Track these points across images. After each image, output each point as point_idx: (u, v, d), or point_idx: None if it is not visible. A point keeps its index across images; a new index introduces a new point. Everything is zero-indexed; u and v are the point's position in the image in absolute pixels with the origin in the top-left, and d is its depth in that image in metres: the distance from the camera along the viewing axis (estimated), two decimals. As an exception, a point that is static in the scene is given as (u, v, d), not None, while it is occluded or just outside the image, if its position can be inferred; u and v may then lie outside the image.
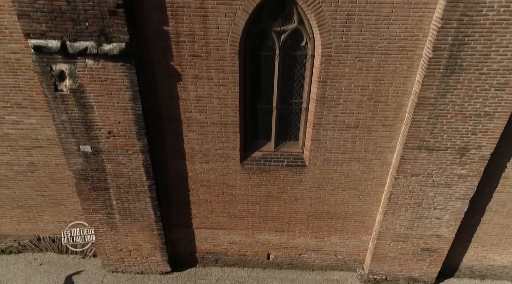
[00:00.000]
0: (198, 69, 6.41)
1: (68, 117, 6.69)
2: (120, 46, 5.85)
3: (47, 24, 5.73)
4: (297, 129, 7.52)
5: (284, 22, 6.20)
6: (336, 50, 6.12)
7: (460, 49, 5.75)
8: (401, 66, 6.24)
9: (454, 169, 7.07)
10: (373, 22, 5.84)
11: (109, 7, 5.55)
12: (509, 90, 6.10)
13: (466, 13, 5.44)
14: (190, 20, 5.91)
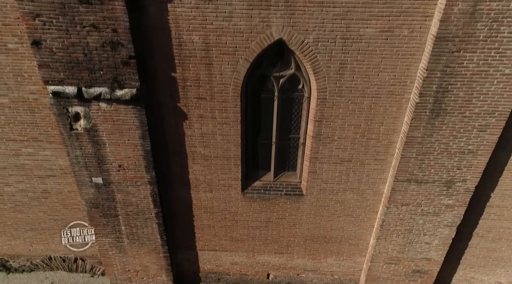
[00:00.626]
0: (203, 110, 6.92)
1: (82, 152, 7.20)
2: (131, 92, 6.37)
3: (65, 73, 6.25)
4: (295, 161, 8.02)
5: (282, 68, 6.71)
6: (331, 94, 6.63)
7: (444, 96, 6.25)
8: (390, 108, 6.75)
9: (442, 199, 7.57)
10: (364, 70, 6.35)
11: (122, 59, 6.06)
12: (490, 131, 6.60)
13: (449, 65, 5.95)
14: (196, 68, 6.43)
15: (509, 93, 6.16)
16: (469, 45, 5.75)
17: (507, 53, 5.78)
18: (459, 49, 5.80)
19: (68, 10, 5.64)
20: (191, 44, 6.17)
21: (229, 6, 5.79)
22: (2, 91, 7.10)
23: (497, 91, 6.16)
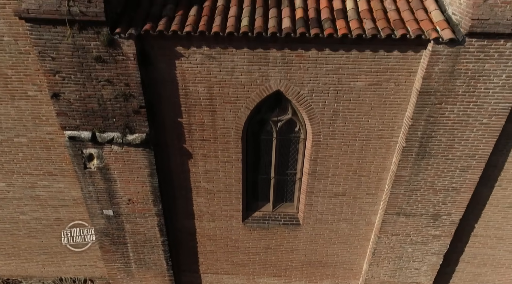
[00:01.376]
0: (206, 150, 7.49)
1: (94, 188, 7.76)
2: (141, 137, 6.94)
3: (80, 120, 6.82)
4: (292, 193, 8.58)
5: (280, 113, 7.28)
6: (325, 137, 7.19)
7: (428, 141, 6.82)
8: (380, 149, 7.31)
9: (429, 230, 8.12)
10: (355, 117, 6.92)
11: (133, 108, 6.64)
12: (472, 171, 7.16)
13: (432, 115, 6.52)
14: (201, 114, 7.00)
15: (487, 139, 6.73)
16: (449, 99, 6.32)
17: (484, 106, 6.35)
18: (441, 102, 6.37)
19: (85, 68, 6.21)
20: (196, 94, 6.74)
21: (231, 62, 6.37)
22: (21, 132, 7.68)
23: (476, 137, 6.72)
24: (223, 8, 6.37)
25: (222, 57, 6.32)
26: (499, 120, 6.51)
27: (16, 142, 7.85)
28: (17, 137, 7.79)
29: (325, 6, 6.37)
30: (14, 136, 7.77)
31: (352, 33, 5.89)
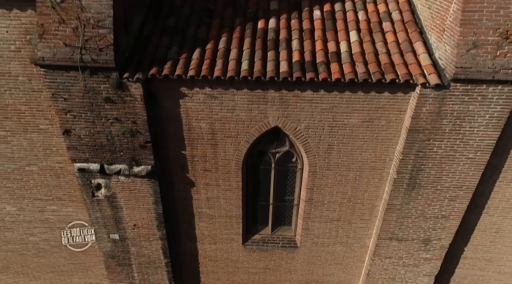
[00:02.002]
0: (208, 179, 7.89)
1: (102, 214, 8.17)
2: (147, 169, 7.34)
3: (90, 153, 7.23)
4: (290, 217, 8.98)
5: (278, 145, 7.69)
6: (320, 168, 7.60)
7: (418, 173, 7.22)
8: (373, 179, 7.71)
9: (420, 254, 8.52)
10: (349, 150, 7.33)
11: (140, 143, 7.05)
12: (460, 200, 7.56)
13: (421, 150, 6.93)
14: (203, 147, 7.41)
15: (474, 172, 7.13)
16: (437, 136, 6.73)
17: (470, 142, 6.76)
18: (429, 139, 6.78)
19: (95, 107, 6.62)
20: (199, 129, 7.15)
21: (232, 101, 6.78)
22: (33, 161, 8.08)
23: (463, 170, 7.13)
24: (224, 50, 6.79)
25: (223, 97, 6.73)
26: (484, 155, 6.91)
27: (27, 170, 8.26)
28: (29, 166, 8.20)
29: (320, 48, 6.78)
30: (26, 165, 8.18)
31: (345, 77, 6.30)
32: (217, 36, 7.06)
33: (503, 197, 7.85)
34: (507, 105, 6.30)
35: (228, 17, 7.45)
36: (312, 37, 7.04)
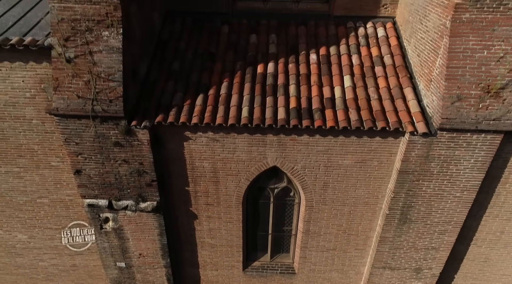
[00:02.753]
0: (210, 212, 8.32)
1: (109, 244, 8.59)
2: (152, 205, 7.78)
3: (99, 191, 7.67)
4: (288, 245, 9.40)
5: (277, 182, 8.12)
6: (317, 203, 8.03)
7: (409, 210, 7.64)
8: (366, 213, 8.14)
9: (413, 282, 8.93)
10: (344, 187, 7.75)
11: (146, 182, 7.48)
12: (449, 234, 7.98)
13: (411, 189, 7.35)
14: (206, 184, 7.84)
15: (461, 209, 7.55)
16: (426, 177, 7.15)
17: (457, 183, 7.18)
18: (418, 179, 7.20)
19: (104, 150, 7.06)
20: (202, 168, 7.59)
21: (233, 144, 7.21)
22: (44, 194, 8.53)
23: (451, 207, 7.55)
24: (226, 96, 7.23)
25: (225, 140, 7.17)
26: (470, 194, 7.33)
27: (38, 202, 8.70)
28: (40, 199, 8.64)
29: (316, 94, 7.22)
30: (37, 197, 8.62)
31: (339, 124, 6.73)
32: (219, 81, 7.51)
33: (490, 230, 8.26)
34: (490, 150, 6.72)
35: (230, 61, 7.90)
36: (308, 82, 7.48)
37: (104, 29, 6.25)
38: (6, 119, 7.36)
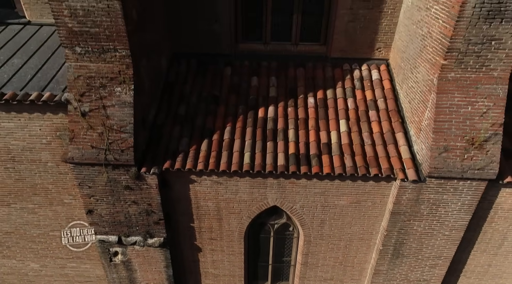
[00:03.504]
0: (214, 246, 8.80)
1: (118, 275, 9.07)
2: (159, 240, 8.26)
3: (109, 228, 8.15)
4: (288, 274, 9.87)
5: (276, 218, 8.60)
6: (314, 238, 8.50)
7: (401, 246, 8.11)
8: (361, 248, 8.61)
9: (406, 310, 9.39)
10: (340, 225, 8.23)
11: (154, 220, 7.96)
12: (439, 268, 8.45)
13: (403, 228, 7.83)
14: (210, 221, 8.32)
15: (450, 246, 8.02)
16: (416, 218, 7.63)
17: (445, 223, 7.66)
18: (409, 219, 7.68)
19: (115, 193, 7.55)
20: (206, 207, 8.07)
21: (236, 186, 7.70)
22: (56, 228, 9.01)
23: (441, 244, 8.02)
24: (229, 141, 7.71)
25: (228, 182, 7.65)
26: (458, 233, 7.81)
27: (51, 235, 9.19)
28: (52, 232, 9.12)
29: (313, 139, 7.70)
30: (50, 231, 9.11)
31: (334, 171, 7.21)
32: (222, 125, 8.00)
33: (478, 263, 8.72)
34: (476, 195, 7.20)
35: (232, 104, 8.40)
36: (306, 127, 7.97)
37: (116, 85, 6.75)
38: (23, 162, 7.86)
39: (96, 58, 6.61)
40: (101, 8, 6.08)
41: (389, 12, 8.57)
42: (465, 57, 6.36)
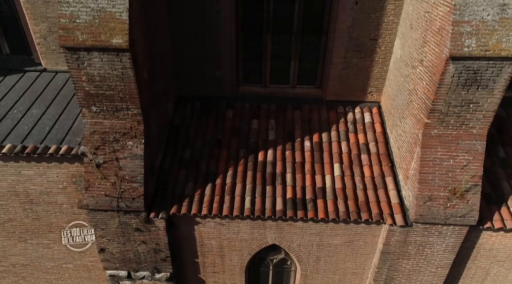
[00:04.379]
0: (216, 278, 9.40)
1: (126, 305, 9.67)
2: (166, 275, 8.87)
3: (119, 264, 8.76)
4: (286, 302, 10.49)
5: (275, 253, 9.21)
6: (311, 272, 9.10)
7: (391, 281, 8.72)
8: (354, 281, 9.21)
9: None
10: (334, 261, 8.84)
11: (161, 258, 8.58)
12: (428, 299, 9.06)
13: (392, 266, 8.44)
14: (213, 257, 8.93)
15: (437, 281, 8.62)
16: (405, 257, 8.23)
17: (432, 261, 8.26)
18: (398, 258, 8.29)
19: (126, 234, 8.17)
20: (210, 245, 8.68)
21: (237, 227, 8.31)
22: (69, 260, 9.62)
23: (428, 279, 8.62)
24: (231, 185, 8.33)
25: (230, 224, 8.27)
26: (444, 270, 8.41)
27: (64, 267, 9.80)
28: (65, 264, 9.73)
29: (309, 183, 8.32)
30: (63, 263, 9.72)
31: (328, 215, 7.83)
32: (224, 169, 8.62)
33: (464, 296, 9.34)
34: (459, 238, 7.80)
35: (234, 148, 9.02)
36: (302, 171, 8.59)
37: (128, 140, 7.39)
38: (40, 204, 8.48)
39: (110, 116, 7.24)
40: (116, 75, 6.72)
41: (380, 61, 9.22)
42: (446, 117, 6.99)
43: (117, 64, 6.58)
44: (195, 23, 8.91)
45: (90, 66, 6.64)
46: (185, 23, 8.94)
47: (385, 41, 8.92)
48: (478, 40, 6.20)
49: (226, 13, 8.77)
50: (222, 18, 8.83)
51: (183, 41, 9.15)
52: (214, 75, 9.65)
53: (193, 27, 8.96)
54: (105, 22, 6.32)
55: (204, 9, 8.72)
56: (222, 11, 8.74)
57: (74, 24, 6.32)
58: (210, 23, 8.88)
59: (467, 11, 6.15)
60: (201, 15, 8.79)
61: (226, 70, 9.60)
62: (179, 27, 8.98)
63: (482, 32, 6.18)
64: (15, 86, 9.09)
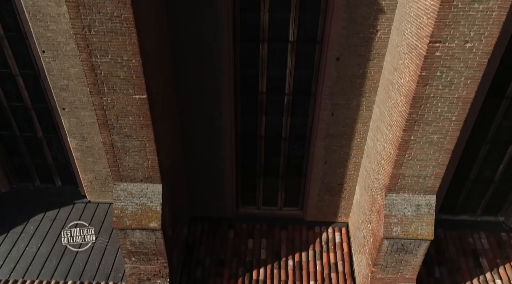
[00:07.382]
0: None
1: None
2: None
3: None
4: None
5: None
6: None
7: None
8: None
9: None
10: None
11: None
12: None
13: None
14: None
15: None
16: None
17: None
18: None
19: None
20: None
21: None
22: None
23: None
24: (232, 302, 11.09)
25: None
26: None
27: None
28: None
29: (290, 300, 11.08)
30: None
31: (304, 330, 10.58)
32: (227, 287, 11.39)
33: None
34: None
35: (234, 267, 11.78)
36: (286, 288, 11.36)
37: (157, 278, 10.16)
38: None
39: (145, 263, 10.03)
40: (151, 242, 9.52)
41: (346, 197, 12.04)
42: (386, 268, 9.77)
43: (151, 237, 9.39)
44: (205, 172, 11.77)
45: (133, 236, 9.45)
46: (199, 173, 11.80)
47: (348, 186, 11.75)
48: (402, 227, 9.02)
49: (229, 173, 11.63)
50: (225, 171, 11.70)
51: (194, 182, 12.00)
52: (219, 205, 12.49)
53: (204, 174, 11.81)
54: (145, 212, 9.15)
55: (212, 165, 11.58)
56: (225, 160, 11.61)
57: (124, 214, 9.15)
58: (217, 168, 11.74)
59: (394, 208, 8.98)
60: (210, 169, 11.66)
61: (229, 200, 12.42)
62: (193, 175, 11.84)
63: (405, 222, 9.00)
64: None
